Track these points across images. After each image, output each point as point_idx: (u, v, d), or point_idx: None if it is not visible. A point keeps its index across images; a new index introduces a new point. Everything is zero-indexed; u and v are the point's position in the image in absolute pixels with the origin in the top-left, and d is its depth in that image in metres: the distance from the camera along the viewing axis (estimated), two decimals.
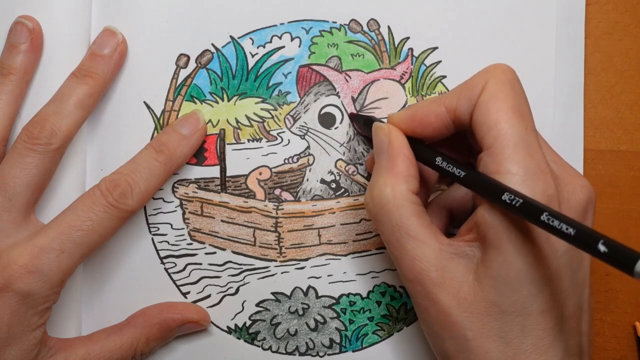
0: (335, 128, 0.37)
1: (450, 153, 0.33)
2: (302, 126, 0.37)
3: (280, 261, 0.37)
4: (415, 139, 0.32)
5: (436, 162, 0.31)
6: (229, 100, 0.37)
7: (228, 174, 0.37)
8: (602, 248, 0.24)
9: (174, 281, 0.37)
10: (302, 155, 0.37)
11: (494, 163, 0.29)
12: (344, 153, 0.37)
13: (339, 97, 0.37)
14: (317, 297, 0.37)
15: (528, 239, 0.28)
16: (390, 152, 0.32)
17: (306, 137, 0.37)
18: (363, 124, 0.36)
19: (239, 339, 0.37)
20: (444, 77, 0.37)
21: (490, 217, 0.29)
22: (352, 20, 0.37)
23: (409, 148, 0.32)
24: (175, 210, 0.37)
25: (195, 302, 0.37)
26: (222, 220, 0.37)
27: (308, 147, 0.37)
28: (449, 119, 0.31)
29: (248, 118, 0.37)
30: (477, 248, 0.30)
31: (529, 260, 0.28)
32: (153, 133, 0.37)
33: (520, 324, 0.29)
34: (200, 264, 0.37)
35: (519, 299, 0.29)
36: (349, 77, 0.37)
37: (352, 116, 0.37)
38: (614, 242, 0.24)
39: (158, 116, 0.37)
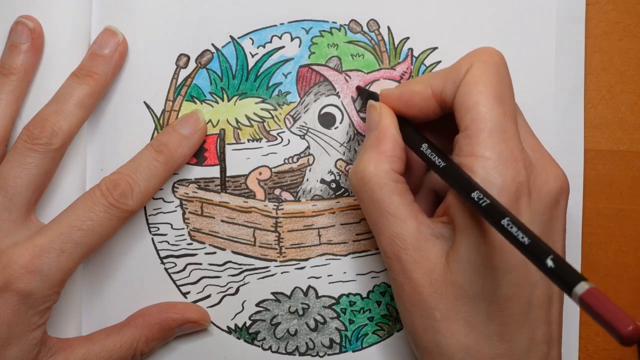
0: (335, 128, 0.37)
1: (440, 135, 0.33)
2: (302, 126, 0.37)
3: (280, 261, 0.37)
4: (407, 121, 0.32)
5: (421, 149, 0.31)
6: (229, 100, 0.37)
7: (228, 174, 0.37)
8: (550, 263, 0.23)
9: (174, 281, 0.37)
10: (302, 155, 0.37)
11: (469, 146, 0.29)
12: (344, 153, 0.37)
13: (339, 97, 0.37)
14: (317, 297, 0.37)
15: None
16: (378, 131, 0.32)
17: (306, 137, 0.37)
18: (366, 99, 0.36)
19: (239, 339, 0.37)
20: None
21: (459, 201, 0.29)
22: (352, 20, 0.37)
23: (397, 129, 0.32)
24: (175, 210, 0.37)
25: (195, 302, 0.37)
26: (222, 220, 0.37)
27: (308, 147, 0.37)
28: (434, 101, 0.31)
29: (248, 118, 0.37)
30: (451, 230, 0.30)
31: (495, 246, 0.28)
32: (153, 133, 0.37)
33: (485, 309, 0.29)
34: (200, 264, 0.37)
35: (484, 284, 0.29)
36: (349, 77, 0.37)
37: (358, 89, 0.37)
38: (563, 260, 0.23)
39: (158, 116, 0.37)
